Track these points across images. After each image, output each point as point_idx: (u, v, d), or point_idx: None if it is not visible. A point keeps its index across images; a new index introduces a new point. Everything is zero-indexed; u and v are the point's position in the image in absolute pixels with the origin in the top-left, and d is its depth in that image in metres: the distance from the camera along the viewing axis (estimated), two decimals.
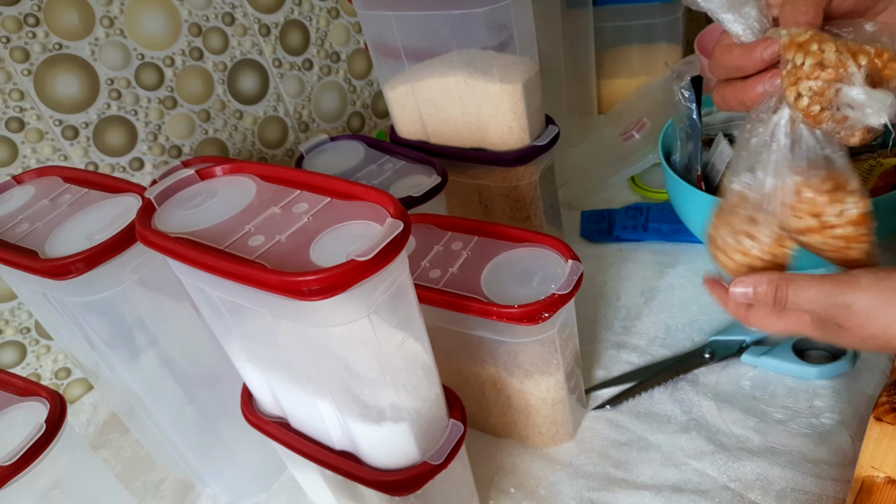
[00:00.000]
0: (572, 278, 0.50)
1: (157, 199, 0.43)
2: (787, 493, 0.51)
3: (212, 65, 0.76)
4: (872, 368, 0.58)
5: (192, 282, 0.43)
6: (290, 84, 0.84)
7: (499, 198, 0.73)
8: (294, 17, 0.81)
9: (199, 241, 0.39)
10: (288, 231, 0.39)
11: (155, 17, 0.70)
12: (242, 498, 0.62)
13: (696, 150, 0.66)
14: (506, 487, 0.57)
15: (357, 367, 0.40)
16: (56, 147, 0.67)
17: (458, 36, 0.64)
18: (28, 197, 0.53)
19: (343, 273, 0.34)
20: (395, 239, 0.35)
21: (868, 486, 0.43)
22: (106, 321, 0.48)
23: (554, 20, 0.84)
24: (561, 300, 0.49)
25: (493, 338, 0.53)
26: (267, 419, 0.51)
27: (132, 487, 0.65)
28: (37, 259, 0.45)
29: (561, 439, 0.59)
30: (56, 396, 0.44)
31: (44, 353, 0.73)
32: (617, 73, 1.01)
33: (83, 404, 0.76)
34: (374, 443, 0.44)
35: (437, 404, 0.46)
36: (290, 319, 0.39)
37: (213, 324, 0.46)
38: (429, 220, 0.60)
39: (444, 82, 0.67)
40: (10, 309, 0.70)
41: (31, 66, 0.63)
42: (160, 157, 0.74)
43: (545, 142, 0.68)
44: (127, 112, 0.71)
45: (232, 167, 0.46)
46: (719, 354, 0.62)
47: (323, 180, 0.42)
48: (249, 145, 0.82)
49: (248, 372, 0.49)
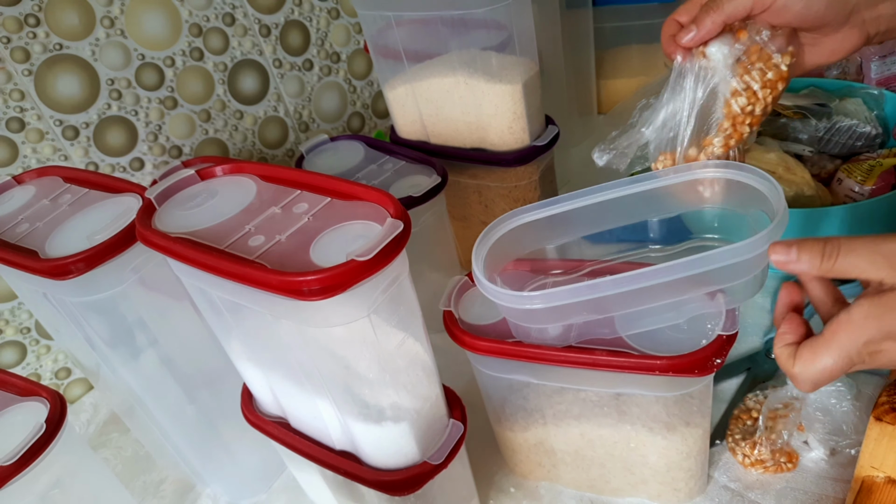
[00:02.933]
0: (732, 318, 0.43)
1: (158, 199, 0.43)
2: (787, 492, 0.51)
3: (212, 65, 0.76)
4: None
5: (192, 282, 0.43)
6: (291, 84, 0.84)
7: (499, 198, 0.73)
8: (294, 17, 0.81)
9: (199, 240, 0.39)
10: (288, 231, 0.39)
11: (155, 18, 0.70)
12: (242, 497, 0.62)
13: None
14: (506, 487, 0.57)
15: (357, 367, 0.40)
16: (56, 147, 0.67)
17: (458, 36, 0.64)
18: (28, 197, 0.53)
19: (343, 273, 0.34)
20: (395, 239, 0.35)
21: (868, 485, 0.43)
22: (106, 321, 0.48)
23: (554, 20, 0.84)
24: (728, 341, 0.42)
25: (640, 394, 0.46)
26: (267, 419, 0.51)
27: (132, 487, 0.65)
28: (37, 259, 0.45)
29: (698, 492, 0.52)
30: (56, 396, 0.44)
31: (44, 352, 0.73)
32: (617, 73, 1.01)
33: (83, 404, 0.76)
34: (374, 442, 0.44)
35: (437, 404, 0.46)
36: (291, 319, 0.39)
37: (213, 324, 0.46)
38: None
39: (444, 82, 0.67)
40: (11, 309, 0.70)
41: (32, 67, 0.63)
42: (160, 157, 0.74)
43: (545, 142, 0.68)
44: (127, 112, 0.71)
45: (232, 167, 0.46)
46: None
47: (323, 180, 0.42)
48: (250, 145, 0.82)
49: (248, 372, 0.49)
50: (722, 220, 0.47)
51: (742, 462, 0.53)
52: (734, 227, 0.46)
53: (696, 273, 0.38)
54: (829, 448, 0.52)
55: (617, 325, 0.46)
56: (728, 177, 0.43)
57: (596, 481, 0.54)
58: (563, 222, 0.48)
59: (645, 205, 0.47)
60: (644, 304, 0.42)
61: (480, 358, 0.49)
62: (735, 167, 0.43)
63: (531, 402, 0.50)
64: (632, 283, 0.39)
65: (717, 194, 0.45)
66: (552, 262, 0.52)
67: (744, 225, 0.44)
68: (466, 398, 0.49)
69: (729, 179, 0.44)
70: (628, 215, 0.48)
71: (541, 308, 0.42)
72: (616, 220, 0.48)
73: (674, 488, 0.51)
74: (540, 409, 0.50)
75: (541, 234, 0.50)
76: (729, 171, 0.43)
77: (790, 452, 0.52)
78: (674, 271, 0.38)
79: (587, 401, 0.48)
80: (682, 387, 0.44)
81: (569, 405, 0.49)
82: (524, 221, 0.48)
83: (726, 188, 0.44)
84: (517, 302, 0.42)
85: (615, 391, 0.46)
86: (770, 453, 0.51)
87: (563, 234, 0.50)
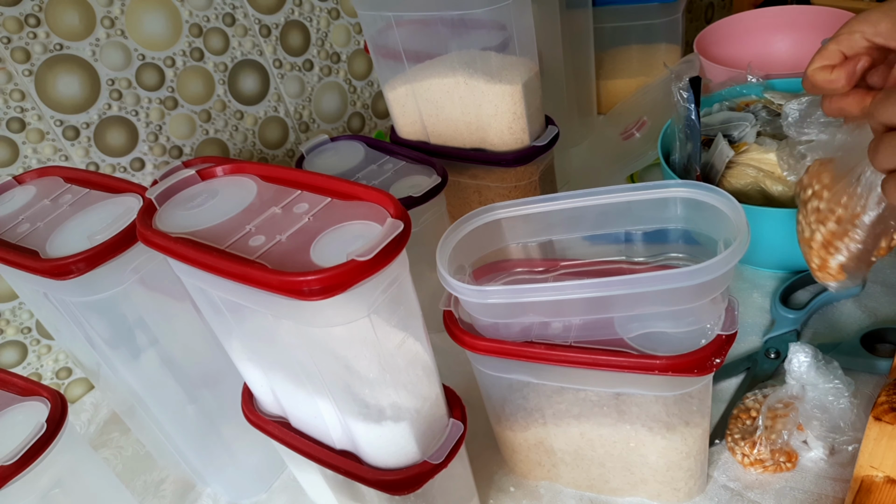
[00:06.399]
0: (732, 317, 0.43)
1: (158, 200, 0.43)
2: (786, 492, 0.51)
3: (212, 65, 0.76)
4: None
5: (192, 282, 0.43)
6: (291, 84, 0.84)
7: (499, 198, 0.73)
8: (294, 17, 0.81)
9: (199, 241, 0.39)
10: (288, 231, 0.39)
11: (156, 18, 0.70)
12: (243, 497, 0.62)
13: (696, 150, 0.66)
14: (506, 486, 0.57)
15: (357, 367, 0.40)
16: (57, 147, 0.67)
17: (458, 36, 0.64)
18: (29, 197, 0.53)
19: (343, 273, 0.34)
20: (395, 239, 0.35)
21: (867, 485, 0.43)
22: (107, 321, 0.48)
23: (554, 20, 0.84)
24: (728, 341, 0.42)
25: (640, 393, 0.46)
26: (267, 419, 0.52)
27: (133, 487, 0.66)
28: (38, 259, 0.45)
29: (698, 491, 0.53)
30: (57, 396, 0.44)
31: (45, 352, 0.73)
32: (617, 73, 1.01)
33: (84, 404, 0.76)
34: (375, 442, 0.44)
35: (438, 404, 0.46)
36: (291, 319, 0.39)
37: (213, 323, 0.46)
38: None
39: (444, 83, 0.67)
40: (11, 309, 0.70)
41: (32, 67, 0.64)
42: (161, 157, 0.74)
43: (545, 142, 0.68)
44: (128, 112, 0.71)
45: (232, 167, 0.46)
46: (783, 351, 0.60)
47: (323, 180, 0.42)
48: (250, 146, 0.82)
49: (248, 371, 0.49)
50: (696, 240, 0.48)
51: (741, 462, 0.53)
52: (706, 250, 0.47)
53: (657, 290, 0.40)
54: (828, 445, 0.52)
55: (616, 325, 0.46)
56: (698, 198, 0.45)
57: (595, 481, 0.54)
58: (541, 222, 0.50)
59: (621, 216, 0.48)
60: (599, 314, 0.44)
61: (480, 358, 0.49)
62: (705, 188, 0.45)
63: (531, 402, 0.51)
64: (581, 290, 0.41)
65: (687, 214, 0.47)
66: (536, 260, 0.53)
67: (715, 249, 0.45)
68: (466, 398, 0.49)
69: (700, 200, 0.45)
70: (603, 224, 0.49)
71: (497, 303, 0.43)
72: (592, 227, 0.50)
73: (673, 488, 0.51)
74: (540, 409, 0.50)
75: (515, 232, 0.51)
76: (698, 192, 0.45)
77: (789, 452, 0.52)
78: (629, 285, 0.40)
79: (587, 400, 0.48)
80: (681, 386, 0.44)
81: (569, 405, 0.49)
82: (496, 218, 0.50)
83: (697, 209, 0.46)
84: (476, 296, 0.43)
85: (615, 391, 0.47)
86: (769, 453, 0.51)
87: (540, 233, 0.51)
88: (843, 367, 0.52)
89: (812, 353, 0.51)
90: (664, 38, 0.97)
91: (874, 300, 0.64)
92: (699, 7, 1.23)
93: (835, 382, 0.50)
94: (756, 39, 0.97)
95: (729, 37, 0.97)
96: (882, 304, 0.64)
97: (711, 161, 0.68)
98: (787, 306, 0.64)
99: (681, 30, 0.96)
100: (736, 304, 0.44)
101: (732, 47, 0.96)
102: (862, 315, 0.63)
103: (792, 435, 0.52)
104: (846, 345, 0.59)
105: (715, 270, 0.39)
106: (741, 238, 0.39)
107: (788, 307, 0.64)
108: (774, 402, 0.52)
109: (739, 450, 0.53)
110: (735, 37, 0.97)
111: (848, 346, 0.59)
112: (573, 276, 0.51)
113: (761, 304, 0.67)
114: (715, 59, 0.88)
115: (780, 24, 0.96)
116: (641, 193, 0.47)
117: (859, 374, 0.56)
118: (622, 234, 0.49)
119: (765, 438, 0.51)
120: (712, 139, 0.70)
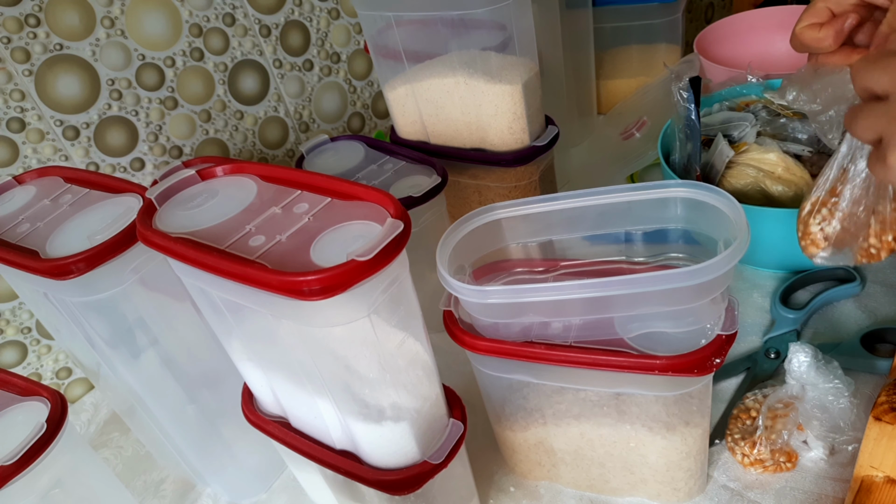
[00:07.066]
0: (732, 317, 0.43)
1: (158, 200, 0.43)
2: (786, 492, 0.51)
3: (212, 65, 0.76)
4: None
5: (192, 282, 0.43)
6: (291, 84, 0.84)
7: (499, 198, 0.73)
8: (294, 17, 0.81)
9: (199, 241, 0.39)
10: (288, 231, 0.39)
11: (156, 18, 0.70)
12: (243, 497, 0.62)
13: (696, 150, 0.66)
14: (505, 486, 0.57)
15: (357, 367, 0.40)
16: (57, 147, 0.67)
17: (458, 36, 0.64)
18: (29, 197, 0.53)
19: (343, 273, 0.34)
20: (395, 239, 0.35)
21: (867, 485, 0.43)
22: (107, 321, 0.48)
23: (554, 20, 0.84)
24: (728, 341, 0.42)
25: (640, 393, 0.46)
26: (267, 419, 0.52)
27: (133, 487, 0.66)
28: (38, 259, 0.45)
29: (698, 491, 0.52)
30: (57, 396, 0.44)
31: (45, 352, 0.73)
32: (617, 73, 1.01)
33: (84, 404, 0.76)
34: (375, 442, 0.44)
35: (438, 404, 0.46)
36: (291, 319, 0.39)
37: (213, 323, 0.46)
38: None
39: (444, 83, 0.67)
40: (11, 309, 0.70)
41: (32, 67, 0.64)
42: (161, 157, 0.74)
43: (545, 142, 0.68)
44: (128, 112, 0.71)
45: (232, 167, 0.46)
46: (783, 351, 0.60)
47: (323, 180, 0.42)
48: (250, 146, 0.82)
49: (248, 371, 0.49)
50: (696, 240, 0.48)
51: (741, 461, 0.53)
52: (706, 250, 0.47)
53: (657, 290, 0.40)
54: (828, 445, 0.52)
55: (616, 325, 0.46)
56: (698, 198, 0.45)
57: (595, 481, 0.54)
58: (541, 222, 0.50)
59: (621, 216, 0.48)
60: (599, 314, 0.44)
61: (480, 358, 0.49)
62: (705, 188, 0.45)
63: (531, 402, 0.51)
64: (581, 290, 0.41)
65: (687, 214, 0.46)
66: (536, 260, 0.53)
67: (715, 249, 0.44)
68: (466, 398, 0.49)
69: (700, 200, 0.45)
70: (603, 224, 0.49)
71: (497, 303, 0.43)
72: (592, 227, 0.50)
73: (673, 488, 0.51)
74: (540, 409, 0.50)
75: (515, 232, 0.51)
76: (699, 192, 0.45)
77: (789, 452, 0.52)
78: (629, 285, 0.40)
79: (587, 400, 0.48)
80: (681, 386, 0.44)
81: (569, 405, 0.49)
82: (496, 218, 0.50)
83: (697, 209, 0.46)
84: (476, 296, 0.43)
85: (615, 391, 0.47)
86: (769, 453, 0.51)
87: (540, 233, 0.51)
88: (843, 367, 0.51)
89: (812, 353, 0.51)
90: (664, 38, 0.97)
91: (874, 300, 0.64)
92: (699, 7, 1.23)
93: (835, 382, 0.50)
94: (756, 39, 0.97)
95: (729, 37, 0.97)
96: (882, 304, 0.64)
97: (711, 161, 0.68)
98: (787, 306, 0.64)
99: (681, 30, 0.96)
100: (736, 304, 0.44)
101: (732, 47, 0.96)
102: (862, 315, 0.63)
103: (792, 435, 0.52)
104: (846, 345, 0.59)
105: (715, 270, 0.39)
106: (741, 238, 0.39)
107: (788, 307, 0.64)
108: (774, 402, 0.52)
109: (739, 450, 0.53)
110: (735, 37, 0.97)
111: (848, 346, 0.59)
112: (573, 276, 0.50)
113: (761, 304, 0.67)
114: (715, 59, 0.88)
115: (780, 24, 0.96)
116: (641, 193, 0.47)
117: (859, 374, 0.56)
118: (622, 234, 0.49)
119: (765, 438, 0.51)
120: (712, 139, 0.70)
